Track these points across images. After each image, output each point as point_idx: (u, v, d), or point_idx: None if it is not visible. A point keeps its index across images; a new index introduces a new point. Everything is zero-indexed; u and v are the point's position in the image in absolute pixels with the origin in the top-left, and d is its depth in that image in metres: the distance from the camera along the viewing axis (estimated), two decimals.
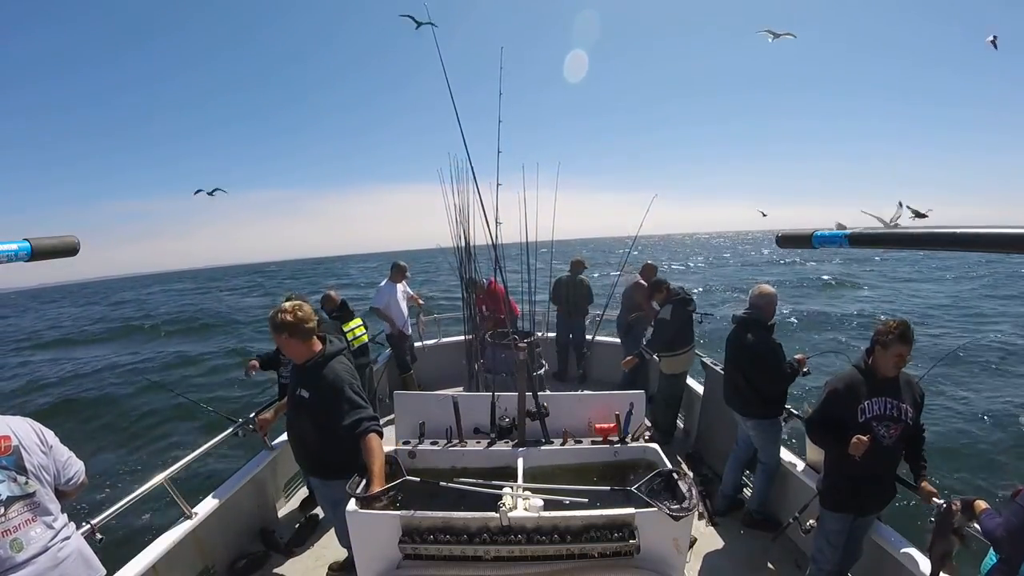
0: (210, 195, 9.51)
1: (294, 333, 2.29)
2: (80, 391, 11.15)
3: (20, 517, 1.62)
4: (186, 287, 51.17)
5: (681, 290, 4.50)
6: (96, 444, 7.73)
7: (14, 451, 1.66)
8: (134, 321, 23.03)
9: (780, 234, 1.27)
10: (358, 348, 4.42)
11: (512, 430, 2.69)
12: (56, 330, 23.91)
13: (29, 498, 1.66)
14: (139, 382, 10.77)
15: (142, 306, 30.78)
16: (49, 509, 1.72)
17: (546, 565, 1.96)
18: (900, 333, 2.24)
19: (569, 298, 6.04)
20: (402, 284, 5.64)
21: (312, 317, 2.34)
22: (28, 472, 1.67)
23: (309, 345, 2.36)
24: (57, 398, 10.71)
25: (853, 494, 2.43)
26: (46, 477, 1.73)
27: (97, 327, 22.90)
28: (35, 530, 1.65)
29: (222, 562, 3.06)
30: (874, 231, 0.99)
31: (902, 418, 2.31)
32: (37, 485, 1.69)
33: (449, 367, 5.89)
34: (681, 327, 4.36)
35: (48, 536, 1.68)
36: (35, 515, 1.67)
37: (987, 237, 0.73)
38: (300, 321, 2.28)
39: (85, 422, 8.99)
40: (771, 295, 3.28)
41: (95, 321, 25.78)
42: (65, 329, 24.09)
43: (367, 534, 2.05)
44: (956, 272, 28.28)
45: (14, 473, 1.64)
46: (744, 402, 3.33)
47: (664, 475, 2.21)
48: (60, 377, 12.85)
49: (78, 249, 1.30)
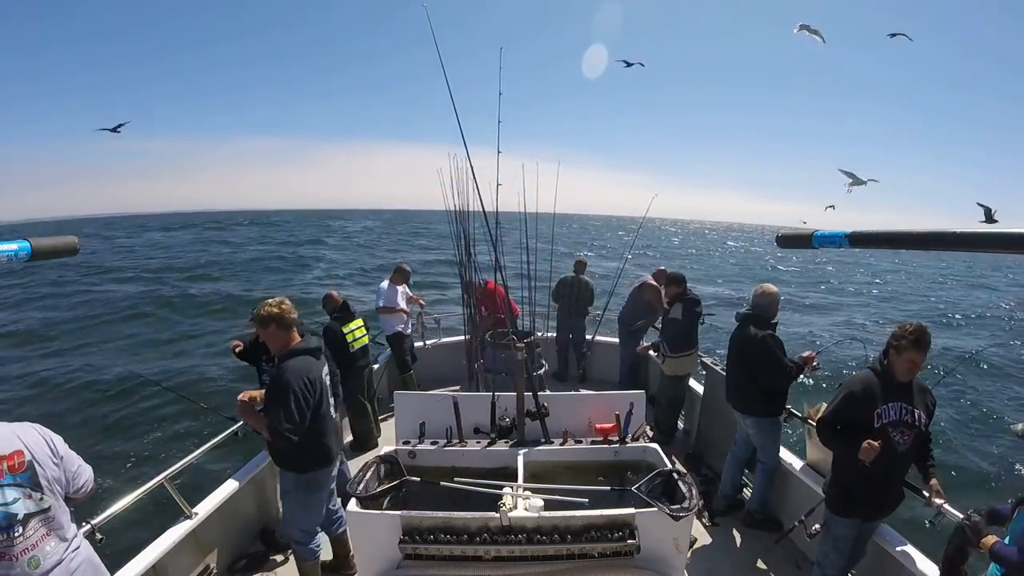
0: (115, 132, 9.17)
1: (280, 325, 2.43)
2: (79, 390, 11.14)
3: (37, 534, 1.61)
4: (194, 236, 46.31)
5: (690, 291, 4.50)
6: (96, 444, 7.73)
7: (28, 466, 1.63)
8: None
9: (780, 234, 1.27)
10: (359, 349, 4.41)
11: (512, 430, 2.69)
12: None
13: (44, 513, 1.64)
14: (138, 380, 10.76)
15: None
16: (61, 521, 1.70)
17: (546, 565, 1.96)
18: (915, 339, 2.19)
19: (571, 297, 6.04)
20: (403, 286, 5.66)
21: (293, 310, 2.48)
22: (43, 487, 1.65)
23: (290, 337, 2.48)
24: (57, 398, 10.70)
25: (864, 499, 2.37)
26: (58, 489, 1.71)
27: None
28: (50, 544, 1.64)
29: (222, 562, 3.06)
30: (874, 231, 0.99)
31: (916, 424, 2.28)
32: (52, 499, 1.67)
33: (449, 367, 5.89)
34: (689, 328, 4.37)
35: (62, 549, 1.67)
36: (50, 529, 1.65)
37: (987, 237, 0.73)
38: (284, 313, 2.44)
39: (86, 421, 8.98)
40: (774, 294, 3.29)
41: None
42: None
43: (367, 534, 2.06)
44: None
45: (29, 490, 1.62)
46: (745, 400, 3.33)
47: (664, 475, 2.21)
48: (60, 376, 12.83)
49: (78, 249, 1.30)
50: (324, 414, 2.52)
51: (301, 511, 2.62)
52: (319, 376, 2.48)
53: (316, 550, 2.70)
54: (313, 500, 2.62)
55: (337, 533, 2.97)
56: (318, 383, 2.46)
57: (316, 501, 2.64)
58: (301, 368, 2.39)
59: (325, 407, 2.54)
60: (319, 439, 2.52)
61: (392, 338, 5.54)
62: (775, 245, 1.32)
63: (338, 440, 2.67)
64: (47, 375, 12.70)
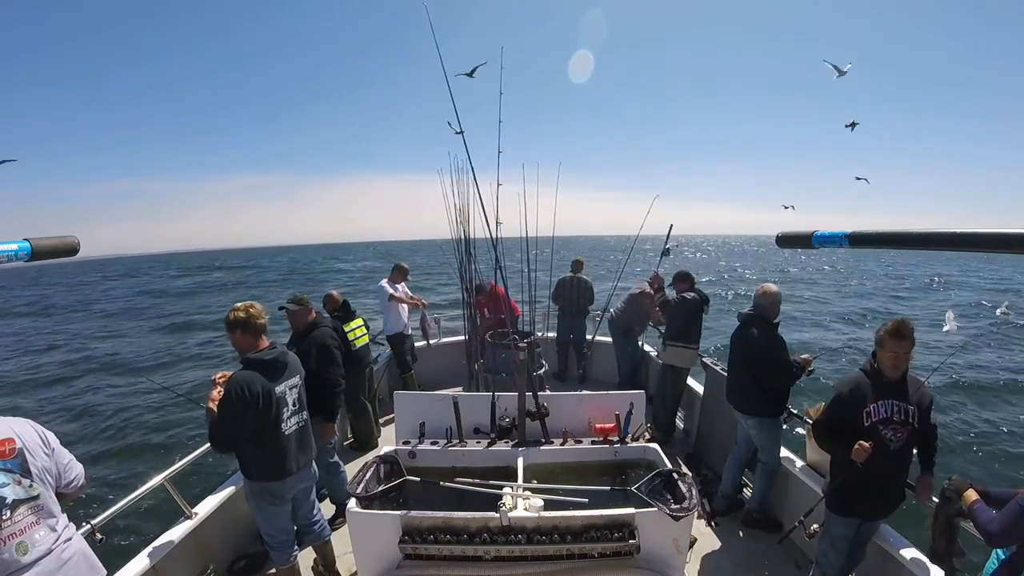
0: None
1: (246, 329, 2.41)
2: (78, 389, 11.16)
3: (25, 520, 1.62)
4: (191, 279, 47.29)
5: (699, 291, 4.54)
6: (96, 444, 7.73)
7: (18, 454, 1.66)
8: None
9: (780, 234, 1.26)
10: (359, 348, 4.41)
11: (512, 430, 2.69)
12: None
13: (33, 501, 1.66)
14: (140, 383, 10.77)
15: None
16: (52, 511, 1.72)
17: (546, 565, 1.96)
18: (892, 330, 2.21)
19: (571, 298, 6.04)
20: (402, 284, 5.66)
21: (263, 315, 2.46)
22: (32, 475, 1.68)
23: (255, 344, 2.45)
24: (56, 396, 10.71)
25: (861, 498, 2.38)
26: (49, 480, 1.74)
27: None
28: (39, 533, 1.65)
29: (222, 562, 3.06)
30: (874, 231, 0.99)
31: (909, 421, 2.27)
32: (41, 488, 1.69)
33: (449, 367, 5.89)
34: (688, 319, 4.39)
35: (52, 538, 1.68)
36: (39, 518, 1.67)
37: (987, 237, 0.73)
38: (251, 318, 2.41)
39: (83, 421, 8.99)
40: (775, 294, 3.29)
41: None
42: None
43: (367, 534, 2.06)
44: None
45: (19, 476, 1.64)
46: (746, 400, 3.34)
47: (664, 475, 2.21)
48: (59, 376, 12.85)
49: (78, 249, 1.30)
50: (275, 429, 2.41)
51: (260, 516, 2.60)
52: (270, 390, 2.37)
53: (287, 557, 2.66)
54: (270, 509, 2.56)
55: (317, 543, 2.91)
56: (263, 397, 2.33)
57: (275, 510, 2.57)
58: (244, 380, 2.31)
59: (277, 422, 2.42)
60: (269, 453, 2.44)
61: (393, 338, 5.55)
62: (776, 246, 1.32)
63: (303, 454, 2.59)
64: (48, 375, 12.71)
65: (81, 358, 14.35)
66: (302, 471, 2.62)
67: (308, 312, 3.38)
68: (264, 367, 2.39)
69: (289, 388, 2.51)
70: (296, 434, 2.54)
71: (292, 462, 2.52)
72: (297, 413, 2.57)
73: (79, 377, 12.49)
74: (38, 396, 11.04)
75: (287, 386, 2.50)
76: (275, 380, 2.43)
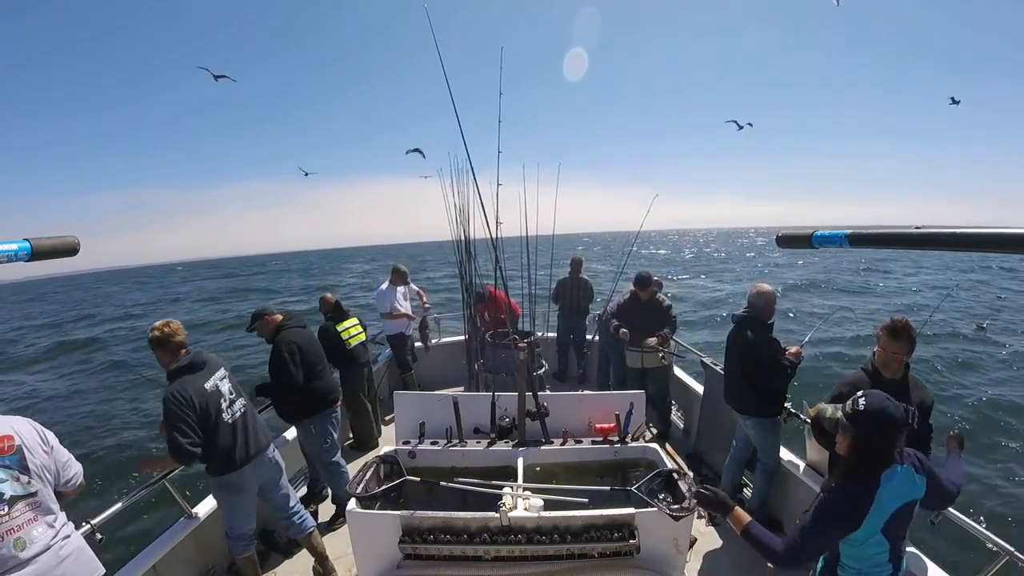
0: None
1: (163, 347, 2.50)
2: (78, 389, 11.16)
3: (23, 516, 1.63)
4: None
5: (665, 296, 4.62)
6: (96, 444, 7.73)
7: (17, 451, 1.68)
8: None
9: (779, 234, 1.26)
10: (355, 347, 4.42)
11: (512, 430, 2.69)
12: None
13: (32, 497, 1.68)
14: (136, 380, 10.76)
15: None
16: (51, 508, 1.73)
17: (546, 565, 1.97)
18: (890, 329, 2.23)
19: (571, 298, 6.03)
20: (403, 287, 5.66)
21: (180, 332, 2.55)
22: (31, 472, 1.69)
23: (178, 357, 2.54)
24: (54, 397, 10.72)
25: None
26: (47, 477, 1.75)
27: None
28: (37, 529, 1.66)
29: (222, 562, 3.06)
30: (875, 232, 0.99)
31: (909, 421, 2.29)
32: (39, 485, 1.71)
33: (449, 367, 5.89)
34: (646, 320, 4.43)
35: (50, 535, 1.69)
36: (37, 514, 1.68)
37: (987, 237, 0.73)
38: (167, 336, 2.50)
39: (84, 421, 8.99)
40: (769, 294, 3.29)
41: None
42: None
43: (367, 534, 2.06)
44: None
45: (17, 472, 1.66)
46: (744, 400, 3.33)
47: (664, 475, 2.21)
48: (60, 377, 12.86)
49: (78, 249, 1.30)
50: (218, 420, 2.52)
51: (226, 511, 2.72)
52: (200, 387, 2.49)
53: (242, 548, 2.74)
54: (232, 500, 2.67)
55: (300, 536, 2.94)
56: (197, 393, 2.45)
57: (237, 501, 2.68)
58: (174, 387, 2.42)
59: (219, 413, 2.53)
60: (220, 445, 2.52)
61: (393, 338, 5.55)
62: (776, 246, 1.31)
63: (254, 439, 2.67)
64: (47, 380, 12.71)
65: (100, 361, 14.35)
66: (260, 457, 2.69)
67: (270, 322, 3.41)
68: (185, 371, 2.50)
69: (218, 380, 2.61)
70: (241, 420, 2.64)
71: (243, 449, 2.60)
72: (236, 400, 2.67)
73: (82, 376, 12.51)
74: (38, 396, 11.05)
75: (215, 379, 2.59)
76: (201, 378, 2.53)
